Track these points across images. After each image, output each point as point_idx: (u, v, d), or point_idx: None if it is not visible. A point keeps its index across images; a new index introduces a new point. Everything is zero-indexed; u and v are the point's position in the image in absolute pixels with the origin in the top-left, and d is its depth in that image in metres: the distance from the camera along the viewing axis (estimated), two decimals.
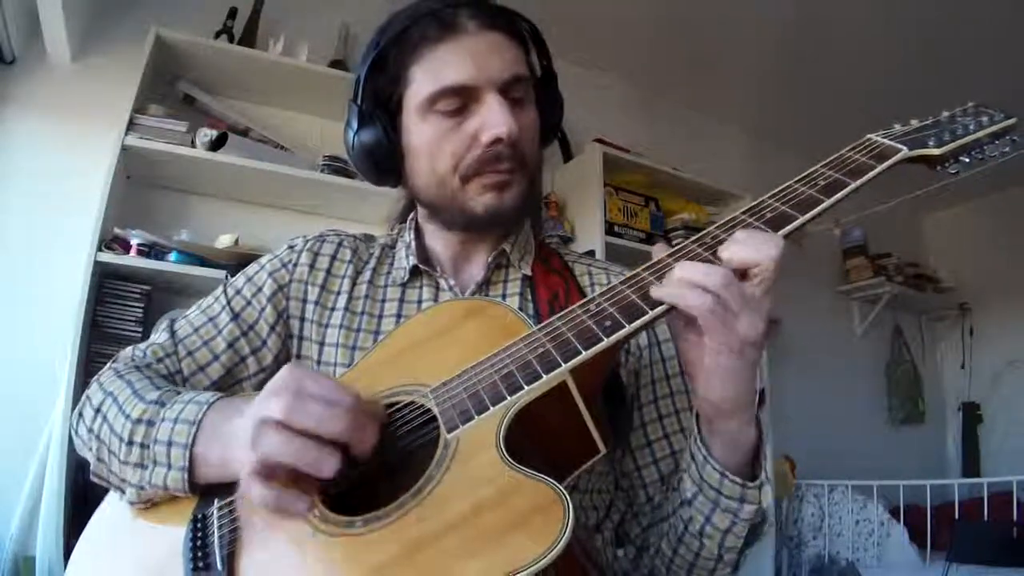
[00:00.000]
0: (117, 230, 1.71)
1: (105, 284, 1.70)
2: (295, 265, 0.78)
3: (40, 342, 1.69)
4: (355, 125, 0.73)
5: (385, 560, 0.46)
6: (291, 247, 0.80)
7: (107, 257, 1.64)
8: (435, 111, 0.68)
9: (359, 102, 0.72)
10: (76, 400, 0.70)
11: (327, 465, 0.47)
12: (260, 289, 0.76)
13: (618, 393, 0.71)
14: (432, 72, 0.68)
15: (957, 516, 2.44)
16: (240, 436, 0.50)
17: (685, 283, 0.51)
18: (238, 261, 1.71)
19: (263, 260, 0.80)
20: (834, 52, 2.64)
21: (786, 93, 2.96)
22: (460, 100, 0.68)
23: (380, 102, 0.72)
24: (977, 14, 2.31)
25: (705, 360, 0.52)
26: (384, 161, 0.73)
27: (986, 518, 2.30)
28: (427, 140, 0.70)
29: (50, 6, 1.64)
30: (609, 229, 2.32)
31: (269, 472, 0.47)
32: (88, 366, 1.59)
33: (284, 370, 0.51)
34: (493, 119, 0.67)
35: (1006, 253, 3.47)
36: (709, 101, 3.03)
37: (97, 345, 1.64)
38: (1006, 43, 2.44)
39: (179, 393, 0.62)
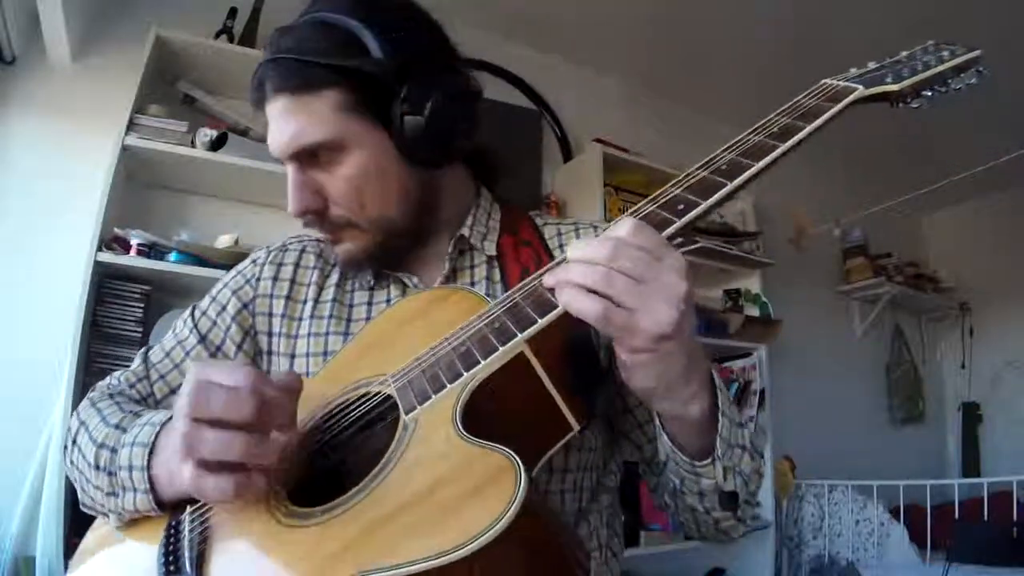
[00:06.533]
0: (117, 230, 1.71)
1: (105, 284, 1.70)
2: (259, 280, 0.77)
3: (40, 342, 1.68)
4: None
5: (343, 544, 0.45)
6: (254, 261, 0.79)
7: (107, 257, 1.64)
8: None
9: None
10: (76, 400, 0.71)
11: (263, 453, 0.48)
12: (224, 308, 0.75)
13: (593, 364, 0.67)
14: None
15: (957, 516, 2.43)
16: (171, 448, 0.51)
17: (572, 286, 0.47)
18: (238, 261, 1.70)
19: (227, 277, 0.79)
20: (833, 52, 2.63)
21: (785, 93, 2.94)
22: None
23: None
24: (977, 15, 2.31)
25: (619, 355, 0.50)
26: None
27: (986, 518, 2.30)
28: None
29: (50, 6, 1.64)
30: None
31: (209, 468, 0.47)
32: (88, 366, 1.58)
33: (188, 369, 0.51)
34: (289, 196, 0.68)
35: (1006, 253, 3.47)
36: (708, 101, 3.03)
37: (97, 345, 1.64)
38: (1006, 45, 2.43)
39: (139, 416, 0.62)
